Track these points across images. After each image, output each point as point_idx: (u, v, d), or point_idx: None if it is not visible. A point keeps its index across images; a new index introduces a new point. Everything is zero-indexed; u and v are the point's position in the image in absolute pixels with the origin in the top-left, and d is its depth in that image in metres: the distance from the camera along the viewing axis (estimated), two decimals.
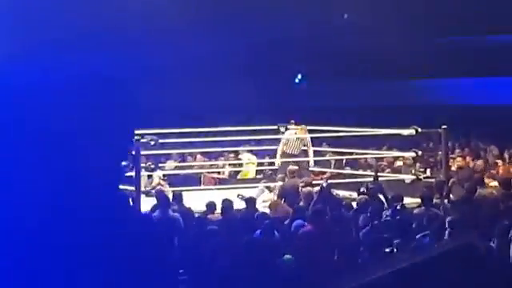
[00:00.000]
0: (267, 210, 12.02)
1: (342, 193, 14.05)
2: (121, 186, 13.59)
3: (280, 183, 14.42)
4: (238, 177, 16.88)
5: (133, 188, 13.48)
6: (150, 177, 14.40)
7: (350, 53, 22.06)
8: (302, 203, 11.77)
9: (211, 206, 11.62)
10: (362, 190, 12.62)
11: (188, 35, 20.98)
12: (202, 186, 15.84)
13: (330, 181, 14.43)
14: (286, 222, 10.50)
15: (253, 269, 8.17)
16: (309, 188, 12.45)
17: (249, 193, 13.42)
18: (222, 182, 16.29)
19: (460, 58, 22.10)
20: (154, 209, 11.45)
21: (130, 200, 11.73)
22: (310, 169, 15.71)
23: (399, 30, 20.84)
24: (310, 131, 16.23)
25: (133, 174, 14.07)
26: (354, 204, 11.82)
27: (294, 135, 15.65)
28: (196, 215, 11.40)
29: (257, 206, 12.10)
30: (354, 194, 13.09)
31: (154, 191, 12.86)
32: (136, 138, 13.92)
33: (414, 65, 21.31)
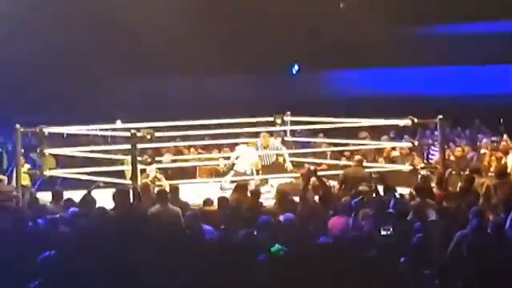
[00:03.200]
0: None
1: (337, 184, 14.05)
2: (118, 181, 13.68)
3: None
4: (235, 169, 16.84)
5: (130, 183, 13.50)
6: (144, 171, 14.36)
7: (344, 43, 22.12)
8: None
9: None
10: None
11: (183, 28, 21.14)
12: (198, 179, 15.84)
13: (326, 172, 14.55)
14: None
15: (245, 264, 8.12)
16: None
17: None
18: (218, 174, 16.22)
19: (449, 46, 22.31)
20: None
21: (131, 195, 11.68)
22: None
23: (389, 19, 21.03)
24: (306, 123, 16.28)
25: (129, 168, 14.09)
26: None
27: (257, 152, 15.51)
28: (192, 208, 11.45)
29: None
30: None
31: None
32: (132, 131, 13.90)
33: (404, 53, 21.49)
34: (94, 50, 22.11)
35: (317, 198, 11.76)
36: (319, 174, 12.75)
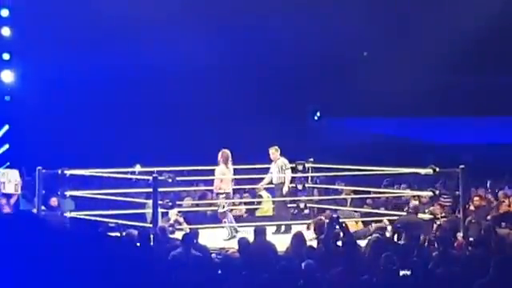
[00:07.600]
0: None
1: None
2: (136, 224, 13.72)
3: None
4: (257, 214, 16.86)
5: (151, 225, 13.56)
6: (165, 214, 14.44)
7: (364, 90, 22.21)
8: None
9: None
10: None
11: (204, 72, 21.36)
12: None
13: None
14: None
15: None
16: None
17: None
18: (239, 218, 16.21)
19: (474, 96, 22.33)
20: None
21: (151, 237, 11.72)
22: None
23: (412, 67, 21.11)
24: (327, 169, 16.27)
25: (150, 211, 14.17)
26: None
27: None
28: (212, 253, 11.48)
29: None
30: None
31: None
32: (154, 175, 14.00)
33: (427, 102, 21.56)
34: None
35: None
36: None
